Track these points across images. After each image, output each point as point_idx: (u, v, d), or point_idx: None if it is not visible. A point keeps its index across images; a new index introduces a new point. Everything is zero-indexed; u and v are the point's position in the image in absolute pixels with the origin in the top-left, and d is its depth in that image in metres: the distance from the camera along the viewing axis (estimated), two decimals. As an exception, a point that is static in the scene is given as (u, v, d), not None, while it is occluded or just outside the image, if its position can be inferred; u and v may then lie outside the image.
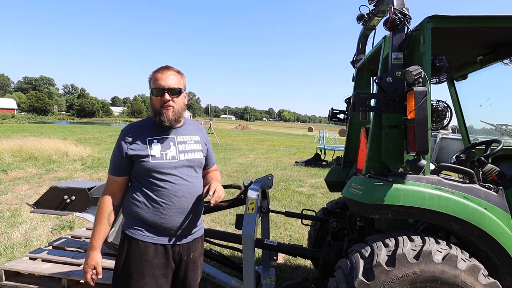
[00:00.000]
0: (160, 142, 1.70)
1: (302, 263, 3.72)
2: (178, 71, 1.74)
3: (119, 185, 1.72)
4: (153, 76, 1.69)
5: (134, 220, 1.70)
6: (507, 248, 1.75)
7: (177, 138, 1.75)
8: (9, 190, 6.39)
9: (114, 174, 1.71)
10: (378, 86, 1.92)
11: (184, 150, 1.75)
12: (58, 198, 2.64)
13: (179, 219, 1.70)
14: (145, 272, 1.65)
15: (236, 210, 5.07)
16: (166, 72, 1.67)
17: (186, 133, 1.80)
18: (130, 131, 1.70)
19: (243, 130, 47.70)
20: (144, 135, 1.69)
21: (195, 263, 1.83)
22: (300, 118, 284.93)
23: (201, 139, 1.87)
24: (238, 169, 10.39)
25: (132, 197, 1.70)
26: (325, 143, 14.55)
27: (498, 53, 2.27)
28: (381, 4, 2.28)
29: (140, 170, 1.67)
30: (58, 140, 12.52)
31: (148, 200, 1.66)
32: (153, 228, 1.68)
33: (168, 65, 1.73)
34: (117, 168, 1.70)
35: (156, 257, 1.67)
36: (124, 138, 1.68)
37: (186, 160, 1.74)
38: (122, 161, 1.67)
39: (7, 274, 2.62)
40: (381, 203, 1.74)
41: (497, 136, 3.29)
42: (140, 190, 1.69)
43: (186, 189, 1.71)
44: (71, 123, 51.53)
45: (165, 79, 1.65)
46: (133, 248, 1.66)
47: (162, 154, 1.68)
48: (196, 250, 1.84)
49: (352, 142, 2.94)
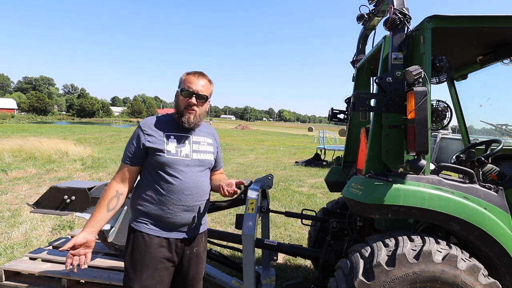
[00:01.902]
0: (177, 139, 1.76)
1: (302, 263, 3.72)
2: (210, 80, 1.83)
3: (129, 174, 1.74)
4: (186, 77, 1.76)
5: (141, 213, 1.73)
6: (507, 248, 1.75)
7: (193, 137, 1.82)
8: (9, 190, 6.38)
9: (126, 163, 1.73)
10: (378, 86, 1.92)
11: (197, 150, 1.81)
12: (58, 198, 2.63)
13: (184, 215, 1.74)
14: (148, 265, 1.68)
15: (236, 210, 5.07)
16: (200, 78, 1.76)
17: (201, 134, 1.88)
18: (150, 124, 1.76)
19: (243, 130, 47.70)
20: (163, 130, 1.75)
21: (198, 257, 1.87)
22: (300, 118, 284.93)
23: (213, 143, 1.95)
24: (238, 169, 10.39)
25: (141, 189, 1.75)
26: (325, 143, 14.54)
27: (498, 53, 2.26)
28: (381, 4, 2.28)
29: (153, 163, 1.71)
30: (58, 140, 12.52)
31: (156, 194, 1.70)
32: (158, 222, 1.72)
33: (203, 72, 1.82)
34: (131, 157, 1.73)
35: (159, 250, 1.71)
36: (143, 129, 1.73)
37: (198, 160, 1.80)
38: (138, 151, 1.71)
39: (7, 274, 2.62)
40: (381, 203, 1.74)
41: (497, 136, 3.29)
42: (150, 183, 1.72)
43: (194, 188, 1.76)
44: (71, 123, 51.52)
45: (197, 84, 1.73)
46: (138, 241, 1.71)
47: (177, 150, 1.73)
48: (200, 244, 1.89)
49: (352, 142, 2.94)
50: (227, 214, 5.32)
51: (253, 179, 2.74)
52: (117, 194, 1.71)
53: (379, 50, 2.27)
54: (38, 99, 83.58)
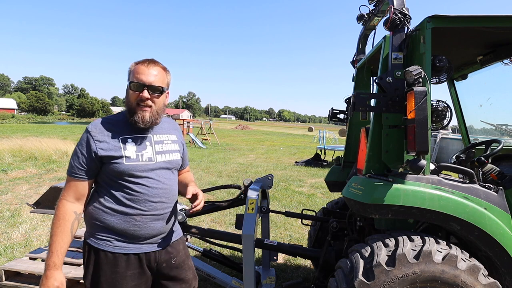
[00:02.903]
0: (135, 142, 1.51)
1: (302, 263, 3.72)
2: (164, 67, 1.57)
3: (83, 190, 1.48)
4: (134, 67, 1.49)
5: (100, 229, 1.49)
6: (507, 248, 1.75)
7: (153, 137, 1.58)
8: (9, 190, 6.39)
9: (77, 177, 1.46)
10: (378, 86, 1.91)
11: (161, 151, 1.58)
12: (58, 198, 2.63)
13: (154, 226, 1.53)
14: (117, 286, 1.47)
15: (236, 210, 5.07)
16: (150, 66, 1.49)
17: (163, 131, 1.64)
18: (100, 128, 1.48)
19: (243, 130, 47.70)
20: (117, 133, 1.49)
21: (179, 267, 1.66)
22: (300, 118, 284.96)
23: (178, 139, 1.72)
24: (238, 169, 10.39)
25: (98, 202, 1.49)
26: (325, 143, 14.55)
27: (498, 53, 2.26)
28: (381, 4, 2.28)
29: (110, 172, 1.46)
30: (58, 140, 12.54)
31: (119, 206, 1.47)
32: (123, 237, 1.49)
33: (154, 59, 1.55)
34: (81, 170, 1.45)
35: (128, 268, 1.49)
36: (93, 135, 1.45)
37: (164, 162, 1.58)
38: (90, 162, 1.45)
39: (7, 274, 2.62)
40: (381, 203, 1.74)
41: (497, 136, 3.29)
42: (109, 194, 1.48)
43: (163, 193, 1.55)
44: (71, 123, 51.52)
45: (148, 75, 1.46)
46: (101, 261, 1.47)
47: (138, 155, 1.49)
48: (179, 254, 1.68)
49: (352, 142, 2.94)
50: (227, 214, 5.32)
51: (253, 179, 2.74)
52: (76, 216, 1.46)
53: (379, 50, 2.27)
54: (38, 99, 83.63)
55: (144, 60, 1.52)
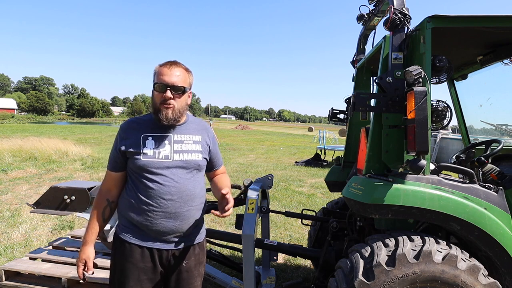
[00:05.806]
0: (155, 140, 1.61)
1: (302, 263, 3.72)
2: (186, 68, 1.65)
3: (114, 181, 1.67)
4: (158, 69, 1.59)
5: (124, 220, 1.64)
6: (507, 248, 1.75)
7: (174, 136, 1.65)
8: (9, 190, 6.39)
9: (110, 169, 1.66)
10: (378, 86, 1.92)
11: (179, 150, 1.64)
12: (58, 198, 2.63)
13: (166, 223, 1.59)
14: (129, 275, 1.58)
15: (236, 210, 5.07)
16: (172, 68, 1.58)
17: (186, 132, 1.69)
18: (128, 126, 1.65)
19: (243, 130, 47.69)
20: (140, 131, 1.62)
21: (188, 272, 1.69)
22: (300, 118, 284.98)
23: (203, 140, 1.74)
24: (238, 169, 10.39)
25: (125, 195, 1.65)
26: (325, 143, 14.54)
27: (498, 53, 2.27)
28: (381, 4, 2.28)
29: (132, 167, 1.60)
30: (58, 140, 12.53)
31: (136, 200, 1.58)
32: (140, 230, 1.60)
33: (177, 60, 1.63)
34: (112, 163, 1.65)
35: (142, 260, 1.59)
36: (121, 133, 1.64)
37: (181, 161, 1.63)
38: (117, 156, 1.63)
39: (7, 274, 2.62)
40: (381, 203, 1.74)
41: (497, 136, 3.29)
42: (131, 188, 1.62)
43: (175, 192, 1.59)
44: (71, 123, 51.54)
45: (170, 75, 1.55)
46: (120, 249, 1.61)
47: (155, 152, 1.59)
48: (191, 258, 1.70)
49: (352, 142, 2.94)
50: (227, 214, 5.31)
51: (253, 179, 2.74)
52: (108, 203, 1.65)
53: (379, 50, 2.27)
54: (38, 99, 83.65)
55: (167, 62, 1.62)
